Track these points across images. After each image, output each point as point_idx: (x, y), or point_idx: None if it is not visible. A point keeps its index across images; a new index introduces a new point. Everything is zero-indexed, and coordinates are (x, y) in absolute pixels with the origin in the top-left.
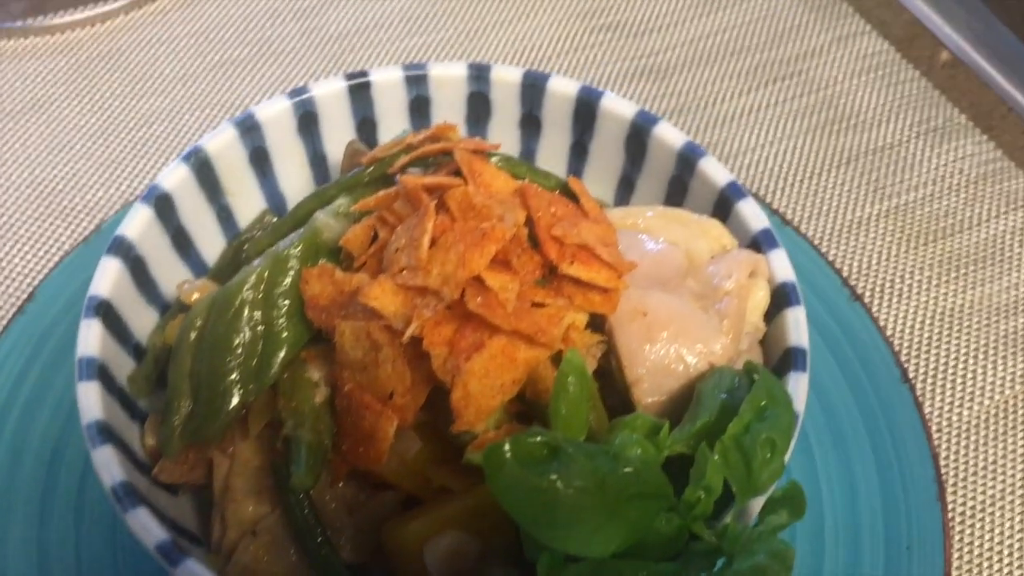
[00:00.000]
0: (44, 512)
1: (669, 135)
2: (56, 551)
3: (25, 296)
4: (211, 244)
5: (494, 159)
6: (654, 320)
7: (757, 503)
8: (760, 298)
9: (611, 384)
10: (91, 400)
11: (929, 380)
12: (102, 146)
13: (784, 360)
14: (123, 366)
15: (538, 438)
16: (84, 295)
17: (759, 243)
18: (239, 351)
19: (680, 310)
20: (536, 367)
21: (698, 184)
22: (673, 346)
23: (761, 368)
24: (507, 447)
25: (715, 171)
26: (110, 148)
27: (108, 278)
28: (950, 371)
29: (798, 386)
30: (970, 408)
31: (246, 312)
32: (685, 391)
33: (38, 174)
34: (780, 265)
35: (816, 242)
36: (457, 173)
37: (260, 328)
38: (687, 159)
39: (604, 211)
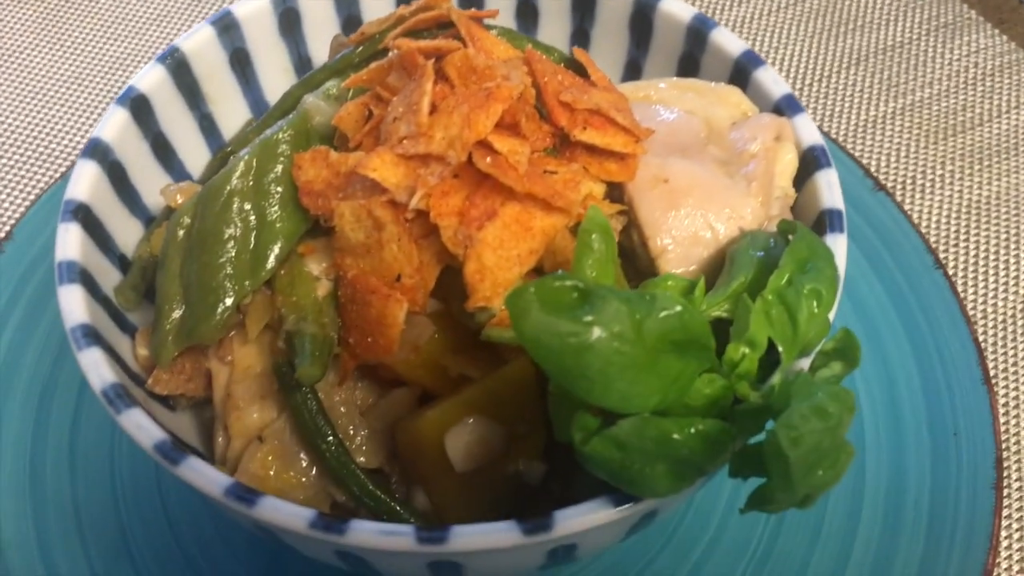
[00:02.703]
0: (35, 457)
1: (676, 8)
2: (53, 498)
3: (1, 236)
4: (195, 155)
5: (493, 31)
6: (676, 186)
7: (804, 363)
8: (788, 162)
9: (633, 265)
10: (74, 303)
11: (961, 272)
12: (77, 92)
13: (819, 224)
14: (108, 276)
15: (567, 282)
16: None
17: (781, 109)
18: (231, 245)
19: (704, 176)
20: (554, 237)
21: (711, 58)
22: (699, 212)
23: (798, 224)
24: (532, 289)
25: (728, 41)
26: (85, 93)
27: (85, 181)
28: (981, 262)
29: (837, 247)
30: (1005, 299)
31: (236, 203)
32: (715, 260)
33: (12, 122)
34: (806, 128)
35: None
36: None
37: (252, 220)
38: (697, 32)
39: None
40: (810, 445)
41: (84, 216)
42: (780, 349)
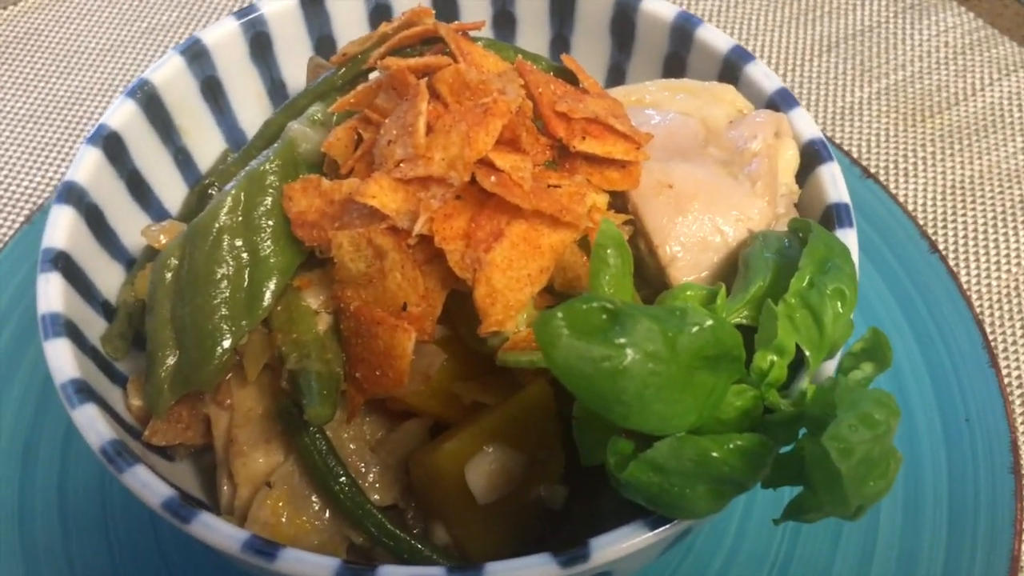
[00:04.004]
0: (24, 512)
1: (658, 8)
2: (45, 553)
3: None
4: (171, 190)
5: (479, 43)
6: (681, 191)
7: (830, 366)
8: (790, 158)
9: (640, 274)
10: (62, 357)
11: (952, 254)
12: (33, 130)
13: (826, 219)
14: (93, 325)
15: (594, 303)
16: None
17: (776, 104)
18: (224, 285)
19: (707, 178)
20: (563, 253)
21: (698, 56)
22: (707, 216)
23: (811, 222)
24: (560, 315)
25: (715, 38)
26: (42, 131)
27: (62, 227)
28: (971, 243)
29: (848, 242)
30: (999, 278)
31: (226, 240)
32: (726, 265)
33: None
34: (804, 123)
35: None
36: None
37: (244, 256)
38: (682, 31)
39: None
40: (861, 456)
41: (64, 264)
42: (807, 354)
